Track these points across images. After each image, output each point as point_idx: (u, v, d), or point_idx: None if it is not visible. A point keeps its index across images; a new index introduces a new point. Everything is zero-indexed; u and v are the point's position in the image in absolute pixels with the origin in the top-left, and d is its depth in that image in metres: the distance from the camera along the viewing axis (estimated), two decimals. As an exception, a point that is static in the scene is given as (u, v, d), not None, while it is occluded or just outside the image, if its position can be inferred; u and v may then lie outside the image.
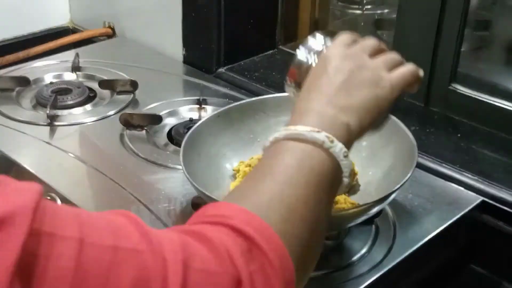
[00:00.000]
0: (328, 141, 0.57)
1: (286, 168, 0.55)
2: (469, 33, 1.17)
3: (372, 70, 0.63)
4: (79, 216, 0.43)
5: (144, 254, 0.44)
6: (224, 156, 0.92)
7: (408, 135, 0.84)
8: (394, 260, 0.82)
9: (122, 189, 0.94)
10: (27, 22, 1.56)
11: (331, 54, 0.64)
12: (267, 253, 0.48)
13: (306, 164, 0.56)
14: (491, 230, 0.95)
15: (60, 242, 0.40)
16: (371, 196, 0.84)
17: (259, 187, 0.54)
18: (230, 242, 0.48)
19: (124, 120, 1.10)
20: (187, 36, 1.36)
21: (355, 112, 0.60)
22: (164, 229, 0.50)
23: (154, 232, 0.47)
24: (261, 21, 1.37)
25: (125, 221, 0.47)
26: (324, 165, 0.56)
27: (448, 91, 1.14)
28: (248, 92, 1.24)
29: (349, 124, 0.60)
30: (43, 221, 0.40)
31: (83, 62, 1.33)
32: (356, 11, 1.60)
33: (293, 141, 0.57)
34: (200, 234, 0.48)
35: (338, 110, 0.60)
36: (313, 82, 0.63)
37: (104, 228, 0.44)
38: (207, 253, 0.47)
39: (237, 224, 0.49)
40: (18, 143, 1.07)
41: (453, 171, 1.00)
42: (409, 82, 0.65)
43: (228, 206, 0.52)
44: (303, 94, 0.63)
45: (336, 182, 0.58)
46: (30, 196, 0.40)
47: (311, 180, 0.55)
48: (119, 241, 0.43)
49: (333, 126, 0.58)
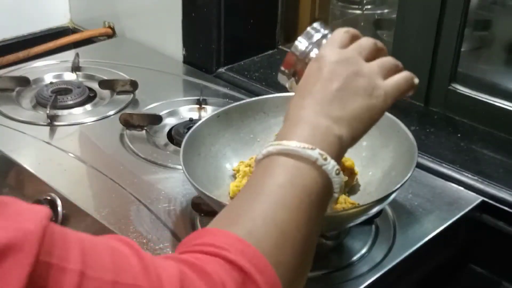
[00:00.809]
0: (321, 158, 0.56)
1: (277, 188, 0.55)
2: (469, 33, 1.17)
3: (368, 77, 0.62)
4: (83, 244, 0.44)
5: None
6: (224, 156, 0.92)
7: (408, 135, 0.84)
8: (394, 260, 0.82)
9: (122, 189, 0.94)
10: (27, 22, 1.56)
11: (327, 56, 0.63)
12: (260, 286, 0.49)
13: (299, 182, 0.55)
14: (491, 230, 0.95)
15: (66, 275, 0.41)
16: (371, 196, 0.84)
17: (252, 210, 0.54)
18: (225, 275, 0.48)
19: (124, 120, 1.10)
20: (187, 36, 1.36)
21: (348, 123, 0.60)
22: (161, 256, 0.50)
23: (154, 265, 0.47)
24: (261, 21, 1.37)
25: (127, 251, 0.47)
26: (317, 182, 0.56)
27: (448, 91, 1.14)
28: (248, 92, 1.24)
29: (342, 136, 0.59)
30: (51, 251, 0.41)
31: (83, 62, 1.33)
32: (356, 11, 1.60)
33: (285, 156, 0.57)
34: (198, 267, 0.48)
35: (331, 122, 0.59)
36: (307, 86, 0.62)
37: (106, 259, 0.44)
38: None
39: (232, 256, 0.49)
40: (18, 143, 1.07)
41: (453, 171, 1.00)
42: (404, 90, 0.64)
43: (222, 235, 0.52)
44: (296, 99, 0.62)
45: (326, 198, 0.58)
46: (38, 222, 0.40)
47: (303, 199, 0.55)
48: (120, 276, 0.44)
49: (325, 139, 0.58)
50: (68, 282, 0.41)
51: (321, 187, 0.56)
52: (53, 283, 0.40)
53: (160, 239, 0.84)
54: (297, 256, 0.53)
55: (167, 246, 0.83)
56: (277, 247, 0.52)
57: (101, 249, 0.45)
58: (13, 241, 0.38)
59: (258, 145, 0.94)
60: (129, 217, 0.88)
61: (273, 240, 0.52)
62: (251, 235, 0.51)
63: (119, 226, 0.86)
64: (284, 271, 0.51)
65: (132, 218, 0.88)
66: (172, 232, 0.86)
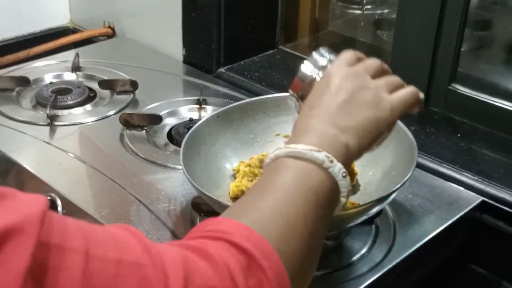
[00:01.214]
0: (327, 160, 0.58)
1: (285, 186, 0.56)
2: (469, 33, 1.17)
3: (373, 91, 0.64)
4: (84, 229, 0.44)
5: (147, 268, 0.45)
6: (224, 156, 0.92)
7: (408, 135, 0.84)
8: (394, 260, 0.82)
9: (122, 189, 0.94)
10: (27, 22, 1.56)
11: (334, 72, 0.65)
12: (265, 270, 0.49)
13: (305, 182, 0.57)
14: (491, 230, 0.95)
15: (68, 254, 0.41)
16: (371, 196, 0.84)
17: (259, 204, 0.55)
18: (230, 258, 0.49)
19: (124, 120, 1.10)
20: (187, 36, 1.36)
21: (355, 133, 0.61)
22: (165, 243, 0.51)
23: (156, 246, 0.47)
24: (261, 21, 1.37)
25: (127, 234, 0.47)
26: (323, 184, 0.57)
27: (448, 91, 1.14)
28: (248, 92, 1.24)
29: (348, 145, 0.60)
30: (51, 233, 0.41)
31: (83, 62, 1.33)
32: (356, 11, 1.60)
33: (293, 158, 0.58)
34: (201, 250, 0.49)
35: (338, 130, 0.60)
36: (315, 99, 0.64)
37: (107, 241, 0.45)
38: (208, 269, 0.48)
39: (237, 240, 0.50)
40: (18, 143, 1.07)
41: (453, 171, 1.00)
42: (409, 104, 0.66)
43: (228, 222, 0.53)
44: (305, 111, 0.64)
45: (333, 200, 0.59)
46: (37, 207, 0.41)
47: (309, 198, 0.56)
48: (122, 254, 0.44)
49: (333, 146, 0.59)
50: (72, 261, 0.41)
51: (328, 189, 0.58)
52: (57, 263, 0.41)
53: (160, 239, 0.84)
54: (303, 249, 0.54)
55: (167, 246, 0.83)
56: (284, 238, 0.53)
57: (101, 232, 0.46)
58: (14, 224, 0.39)
59: (258, 145, 0.94)
60: (129, 217, 0.88)
61: (279, 230, 0.53)
62: (257, 224, 0.52)
63: (119, 226, 0.86)
64: (290, 262, 0.52)
65: (132, 218, 0.88)
66: (172, 232, 0.86)
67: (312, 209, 0.56)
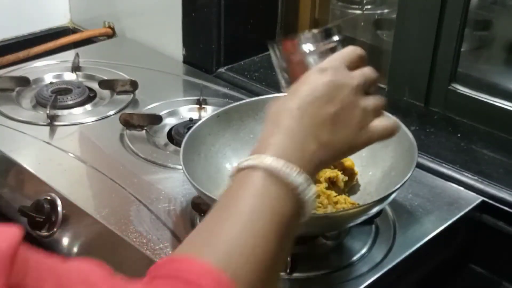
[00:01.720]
0: (305, 184, 0.55)
1: (254, 215, 0.53)
2: (469, 33, 1.17)
3: (362, 113, 0.61)
4: (56, 271, 0.43)
5: None
6: (224, 156, 0.92)
7: (408, 135, 0.84)
8: (394, 260, 0.82)
9: (122, 189, 0.94)
10: (27, 22, 1.56)
11: (332, 75, 0.61)
12: None
13: (277, 210, 0.53)
14: (491, 230, 0.95)
15: None
16: (371, 196, 0.85)
17: (224, 232, 0.52)
18: None
19: (124, 120, 1.10)
20: (187, 36, 1.36)
21: (331, 150, 0.59)
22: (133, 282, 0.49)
23: None
24: (261, 21, 1.37)
25: (99, 278, 0.46)
26: (293, 209, 0.54)
27: (448, 91, 1.14)
28: (248, 92, 1.24)
29: (321, 162, 0.59)
30: (26, 276, 0.39)
31: (83, 62, 1.33)
32: (356, 11, 1.60)
33: (266, 175, 0.54)
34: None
35: (318, 146, 0.58)
36: (303, 96, 0.60)
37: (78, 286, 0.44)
38: None
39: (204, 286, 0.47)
40: (18, 143, 1.07)
41: (453, 171, 1.00)
42: (386, 137, 0.64)
43: (192, 264, 0.49)
44: (289, 103, 0.60)
45: (298, 224, 0.56)
46: (5, 244, 0.38)
47: (279, 229, 0.53)
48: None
49: (310, 164, 0.57)
50: None
51: (297, 212, 0.55)
52: None
53: (160, 239, 0.84)
54: (268, 279, 0.52)
55: (167, 246, 0.83)
56: (250, 273, 0.50)
57: (74, 274, 0.45)
58: None
59: (258, 145, 0.94)
60: (129, 217, 0.88)
61: (246, 268, 0.50)
62: (224, 262, 0.49)
63: (119, 226, 0.86)
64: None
65: (132, 218, 0.88)
66: (172, 232, 0.86)
67: (280, 234, 0.53)
